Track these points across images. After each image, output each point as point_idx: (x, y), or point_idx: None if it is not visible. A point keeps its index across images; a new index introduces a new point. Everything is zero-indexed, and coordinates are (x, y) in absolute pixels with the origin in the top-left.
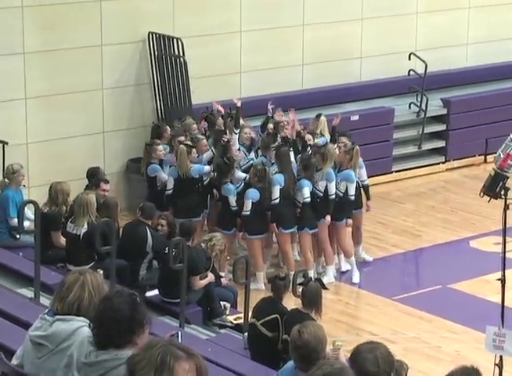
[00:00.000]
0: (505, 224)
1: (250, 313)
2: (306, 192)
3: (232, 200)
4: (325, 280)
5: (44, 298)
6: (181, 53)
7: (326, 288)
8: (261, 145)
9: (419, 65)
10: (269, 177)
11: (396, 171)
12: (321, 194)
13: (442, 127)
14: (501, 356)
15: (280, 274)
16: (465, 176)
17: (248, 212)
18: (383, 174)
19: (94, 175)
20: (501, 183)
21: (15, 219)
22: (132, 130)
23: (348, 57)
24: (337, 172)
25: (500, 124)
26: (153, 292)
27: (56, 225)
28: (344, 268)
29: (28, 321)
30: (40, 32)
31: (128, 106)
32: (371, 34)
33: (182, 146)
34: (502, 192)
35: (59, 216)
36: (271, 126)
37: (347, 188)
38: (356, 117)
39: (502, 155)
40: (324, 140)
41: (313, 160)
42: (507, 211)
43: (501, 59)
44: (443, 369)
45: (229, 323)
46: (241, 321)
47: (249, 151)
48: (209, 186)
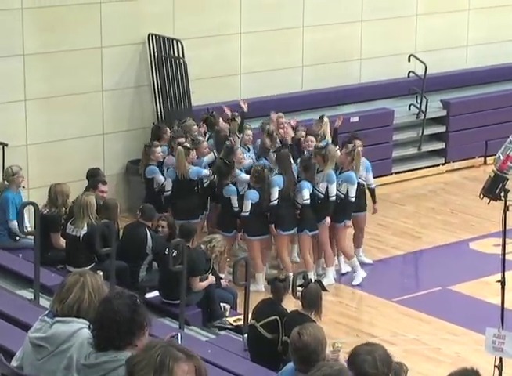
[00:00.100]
0: (505, 226)
1: (249, 315)
2: (306, 194)
3: (234, 201)
4: (325, 282)
5: (43, 300)
6: (181, 55)
7: (326, 290)
8: (261, 147)
9: (418, 67)
10: (268, 178)
11: (396, 172)
12: (322, 196)
13: (442, 129)
14: (501, 358)
15: (280, 276)
16: (465, 178)
17: (247, 213)
18: (382, 176)
19: (93, 176)
20: (501, 185)
21: (14, 222)
22: (132, 132)
23: (348, 59)
24: (338, 174)
25: (500, 125)
26: (153, 294)
27: (56, 226)
28: (344, 270)
29: (28, 323)
30: (40, 34)
31: (128, 107)
32: (371, 36)
33: (180, 148)
34: (501, 194)
35: (59, 218)
36: (271, 127)
37: (347, 190)
38: (356, 119)
39: (501, 157)
40: (325, 142)
41: (313, 161)
42: (507, 213)
43: (501, 61)
44: (443, 370)
45: (229, 325)
46: (241, 323)
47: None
48: (209, 188)
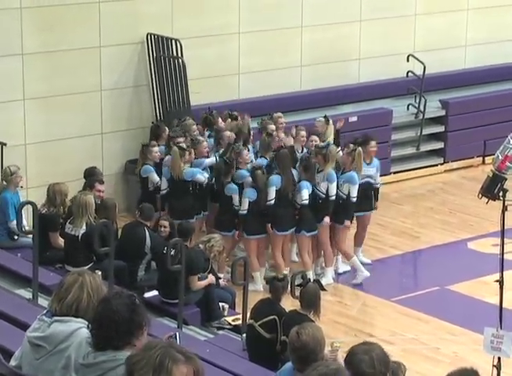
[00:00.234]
0: (503, 225)
1: (248, 314)
2: (305, 194)
3: (235, 199)
4: (323, 282)
5: (42, 299)
6: (179, 55)
7: (325, 289)
8: (261, 146)
9: (417, 66)
10: (265, 178)
11: (394, 172)
12: (323, 196)
13: (441, 128)
14: (499, 358)
15: (278, 275)
16: (463, 178)
17: (245, 211)
18: (381, 175)
19: (90, 176)
20: (499, 185)
21: (15, 222)
22: (131, 131)
23: (347, 59)
24: (341, 174)
25: (498, 125)
26: (152, 293)
27: (54, 226)
28: (342, 269)
29: (26, 322)
30: (38, 33)
31: (127, 107)
32: (370, 36)
33: (175, 148)
34: (500, 193)
35: (57, 217)
36: (272, 127)
37: (349, 190)
38: (355, 119)
39: (500, 157)
40: (327, 142)
41: (314, 160)
42: (505, 213)
43: (499, 60)
44: (441, 370)
45: (228, 324)
46: (239, 322)
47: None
48: (208, 189)
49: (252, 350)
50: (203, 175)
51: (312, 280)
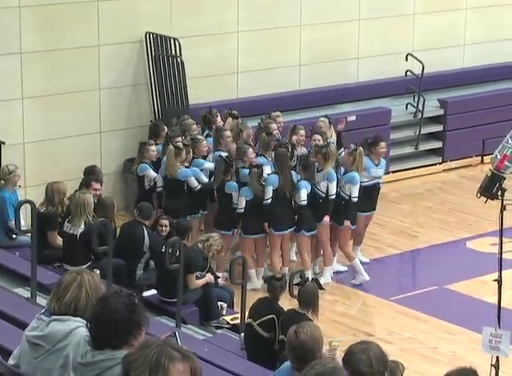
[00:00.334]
0: (502, 225)
1: (246, 314)
2: (303, 194)
3: (235, 197)
4: (322, 281)
5: (40, 298)
6: (178, 53)
7: (323, 289)
8: (261, 145)
9: (416, 66)
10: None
11: (393, 171)
12: (323, 195)
13: (439, 128)
14: (497, 357)
15: (277, 274)
16: (462, 177)
17: (242, 210)
18: None
19: (89, 174)
20: (498, 184)
21: (13, 222)
22: (129, 130)
23: (345, 58)
24: (343, 175)
25: (497, 125)
26: (150, 292)
27: (53, 225)
28: (336, 268)
29: (25, 321)
30: (37, 32)
31: (125, 106)
32: (368, 35)
33: (171, 147)
34: (498, 193)
35: (56, 216)
36: (274, 127)
37: (350, 190)
38: (353, 118)
39: (499, 156)
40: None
41: (313, 160)
42: (504, 212)
43: (498, 60)
44: (439, 369)
45: (226, 324)
46: (238, 321)
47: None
48: (207, 189)
49: (250, 349)
50: (200, 177)
51: (311, 279)
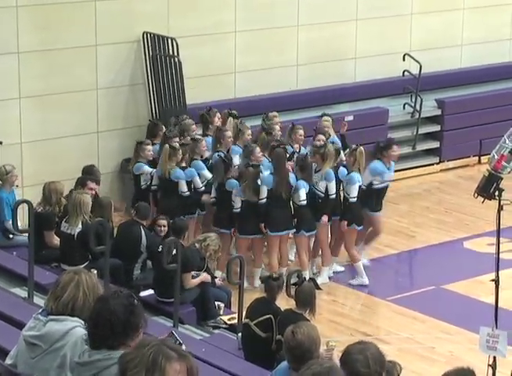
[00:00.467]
0: (499, 225)
1: (243, 313)
2: (303, 194)
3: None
4: (319, 281)
5: (38, 298)
6: (175, 53)
7: (320, 289)
8: (260, 145)
9: (413, 66)
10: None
11: None
12: (322, 195)
13: (437, 128)
14: (494, 357)
15: (274, 274)
16: (459, 177)
17: (238, 209)
18: None
19: (87, 174)
20: (495, 184)
21: (10, 222)
22: (127, 130)
23: (343, 58)
24: (346, 175)
25: (494, 125)
26: (147, 292)
27: (50, 224)
28: (334, 268)
29: (22, 321)
30: (34, 32)
31: (123, 106)
32: (366, 35)
33: (166, 146)
34: (496, 193)
35: (53, 216)
36: (278, 128)
37: (350, 190)
38: (351, 118)
39: (496, 156)
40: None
41: (310, 160)
42: (501, 212)
43: (495, 60)
44: (437, 369)
45: (223, 324)
46: (235, 321)
47: None
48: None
49: (248, 349)
50: (195, 181)
51: (308, 279)
